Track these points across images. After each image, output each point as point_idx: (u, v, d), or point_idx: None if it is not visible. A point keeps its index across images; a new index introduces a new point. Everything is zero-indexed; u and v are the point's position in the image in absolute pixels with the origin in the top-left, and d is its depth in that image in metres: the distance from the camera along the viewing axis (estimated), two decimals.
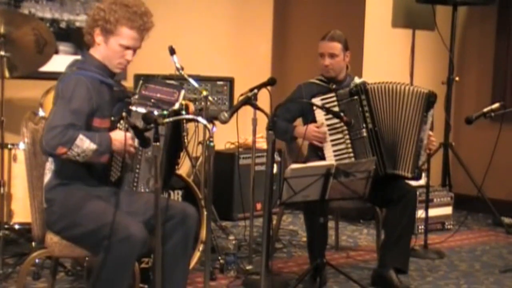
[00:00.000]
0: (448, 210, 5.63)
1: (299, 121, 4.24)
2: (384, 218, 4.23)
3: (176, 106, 3.06)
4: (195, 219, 3.18)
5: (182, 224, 3.10)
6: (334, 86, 4.12)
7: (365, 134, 3.99)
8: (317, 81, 4.25)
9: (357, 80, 4.21)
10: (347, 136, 3.99)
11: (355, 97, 3.98)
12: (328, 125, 4.00)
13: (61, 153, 2.84)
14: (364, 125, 3.99)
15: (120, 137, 2.94)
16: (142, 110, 2.97)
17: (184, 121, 3.21)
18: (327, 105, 3.90)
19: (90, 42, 3.09)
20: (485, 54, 6.52)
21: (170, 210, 3.07)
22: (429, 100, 4.01)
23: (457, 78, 5.92)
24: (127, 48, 3.06)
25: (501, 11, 6.36)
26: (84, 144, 2.84)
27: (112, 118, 3.02)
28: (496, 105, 4.59)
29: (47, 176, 3.05)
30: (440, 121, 5.82)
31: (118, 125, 3.00)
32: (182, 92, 3.14)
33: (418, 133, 4.00)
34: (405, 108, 4.01)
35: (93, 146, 2.86)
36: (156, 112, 2.93)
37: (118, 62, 3.08)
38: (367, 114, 3.99)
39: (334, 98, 3.98)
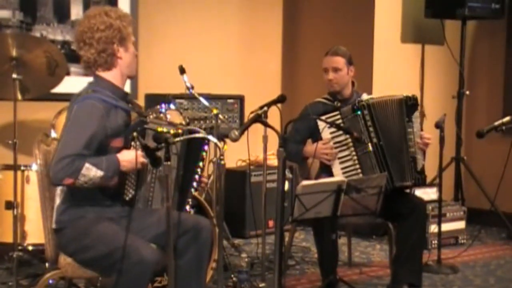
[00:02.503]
0: (461, 224, 5.60)
1: (308, 141, 4.21)
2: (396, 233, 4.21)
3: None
4: (209, 232, 3.15)
5: (195, 238, 3.09)
6: (339, 104, 4.10)
7: (370, 148, 3.97)
8: (323, 100, 4.23)
9: (365, 96, 4.21)
10: (354, 153, 3.97)
11: (358, 112, 3.96)
12: (334, 143, 3.98)
13: (68, 184, 2.87)
14: (368, 140, 3.97)
15: (129, 157, 2.93)
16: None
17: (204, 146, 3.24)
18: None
19: (110, 63, 3.06)
20: (495, 68, 6.51)
21: (182, 225, 3.05)
22: (407, 104, 4.03)
23: (467, 92, 5.92)
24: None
25: (510, 24, 6.36)
26: (91, 172, 2.85)
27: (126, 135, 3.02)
28: (507, 118, 4.57)
29: (59, 198, 3.06)
30: (451, 135, 5.81)
31: (132, 143, 3.00)
32: None
33: (406, 139, 4.01)
34: (393, 118, 4.02)
35: (100, 173, 2.87)
36: (171, 131, 2.95)
37: (135, 65, 3.18)
38: (370, 129, 3.97)
39: (339, 116, 3.94)
